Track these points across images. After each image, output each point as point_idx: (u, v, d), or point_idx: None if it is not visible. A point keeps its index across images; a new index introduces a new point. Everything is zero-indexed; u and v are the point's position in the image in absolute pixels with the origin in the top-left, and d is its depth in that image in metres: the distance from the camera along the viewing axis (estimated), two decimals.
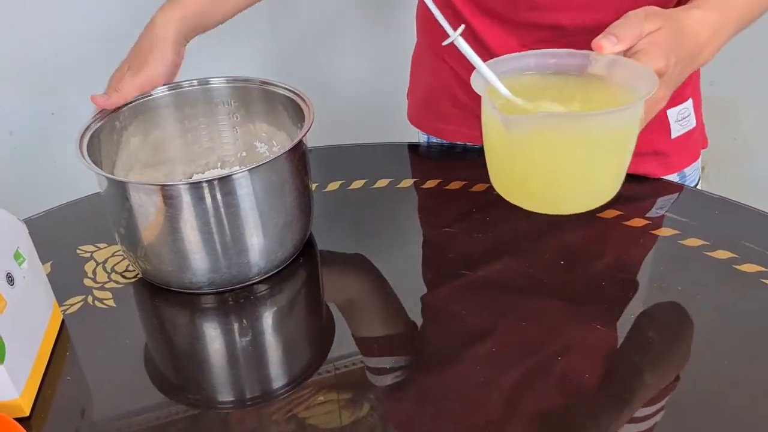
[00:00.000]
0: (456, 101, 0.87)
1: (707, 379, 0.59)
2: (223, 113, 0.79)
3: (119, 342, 0.66)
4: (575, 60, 0.60)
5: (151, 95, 0.76)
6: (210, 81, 0.78)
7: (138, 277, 0.72)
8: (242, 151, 0.82)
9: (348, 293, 0.71)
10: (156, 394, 0.61)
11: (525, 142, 0.56)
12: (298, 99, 0.73)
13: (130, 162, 0.76)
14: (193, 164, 0.81)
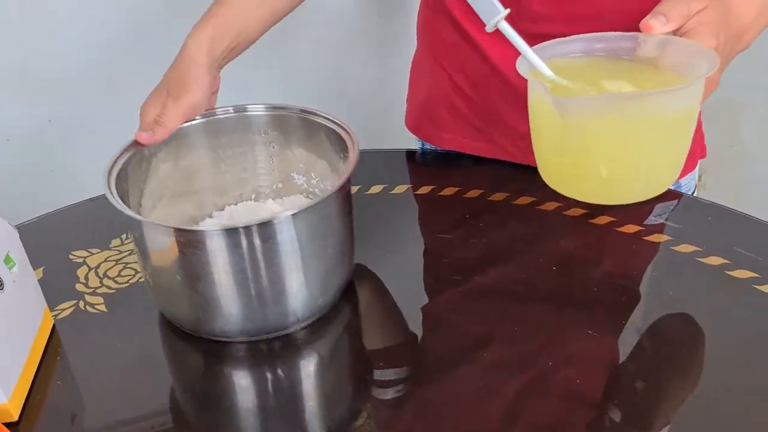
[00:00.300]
0: (453, 109, 0.87)
1: (701, 384, 0.58)
2: (259, 142, 0.74)
3: (111, 347, 0.65)
4: (624, 43, 0.58)
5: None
6: (247, 108, 0.73)
7: (130, 283, 0.72)
8: (278, 182, 0.76)
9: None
10: (148, 401, 0.60)
11: (582, 126, 0.53)
12: (339, 129, 0.68)
13: (159, 190, 0.71)
14: (226, 195, 0.76)
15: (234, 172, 0.76)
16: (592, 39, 0.59)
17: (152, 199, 0.70)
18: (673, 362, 0.60)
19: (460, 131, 0.87)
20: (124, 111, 1.36)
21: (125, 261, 0.75)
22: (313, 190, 0.75)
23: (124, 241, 0.77)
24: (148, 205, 0.70)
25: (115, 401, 0.60)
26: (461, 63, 0.83)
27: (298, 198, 0.76)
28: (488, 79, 0.82)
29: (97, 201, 0.83)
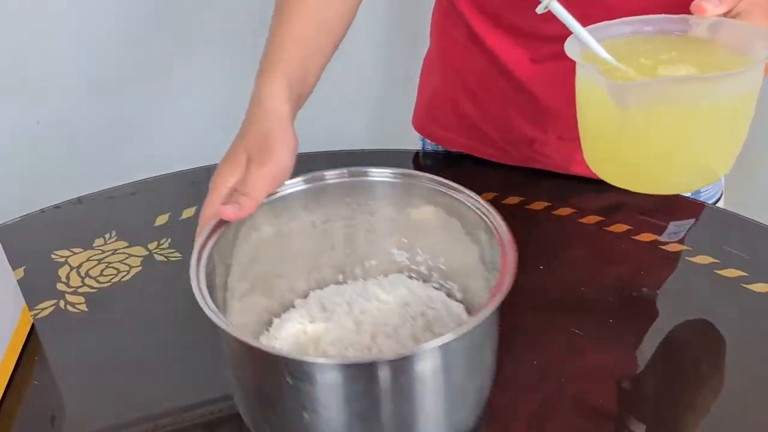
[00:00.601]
0: (459, 110, 0.85)
1: (723, 394, 0.57)
2: (362, 212, 0.61)
3: (90, 347, 0.64)
4: (674, 26, 0.56)
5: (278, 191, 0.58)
6: (368, 173, 0.60)
7: (112, 282, 0.71)
8: (369, 259, 0.63)
9: None
10: (127, 402, 0.59)
11: (641, 113, 0.49)
12: (483, 214, 0.54)
13: (247, 261, 0.58)
14: (318, 272, 0.62)
15: (316, 247, 0.62)
16: (640, 22, 0.56)
17: (240, 278, 0.58)
18: (694, 373, 0.59)
19: (464, 132, 0.86)
20: (113, 113, 1.37)
21: (108, 260, 0.74)
22: (419, 269, 0.62)
23: (107, 241, 0.76)
24: (237, 289, 0.57)
25: (94, 402, 0.59)
26: (470, 64, 0.82)
27: (400, 278, 0.63)
28: (497, 82, 0.80)
29: (81, 201, 0.82)
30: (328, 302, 0.60)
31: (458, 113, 0.85)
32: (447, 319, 0.57)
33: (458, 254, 0.58)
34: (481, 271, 0.56)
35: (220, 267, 0.55)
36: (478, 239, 0.55)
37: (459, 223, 0.57)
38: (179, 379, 0.61)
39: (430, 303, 0.59)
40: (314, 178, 0.59)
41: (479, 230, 0.55)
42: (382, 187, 0.60)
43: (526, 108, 0.79)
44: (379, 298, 0.60)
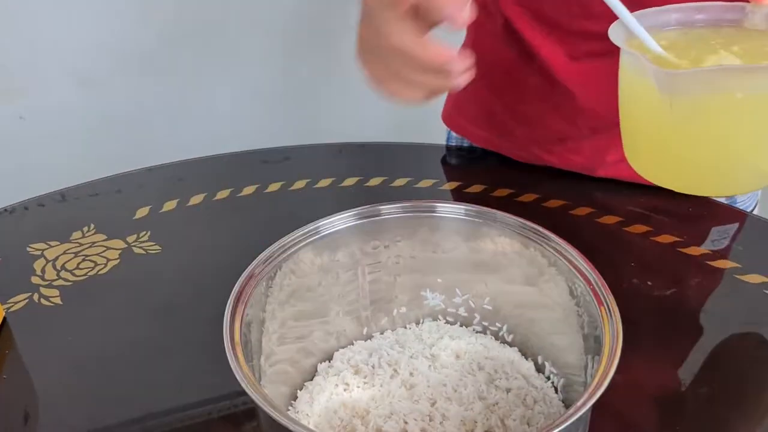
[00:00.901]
0: (487, 107, 0.82)
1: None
2: (386, 254, 0.54)
3: (64, 341, 0.62)
4: (728, 14, 0.51)
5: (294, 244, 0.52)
6: (380, 211, 0.53)
7: (88, 275, 0.69)
8: (402, 306, 0.57)
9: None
10: (100, 396, 0.57)
11: (695, 105, 0.45)
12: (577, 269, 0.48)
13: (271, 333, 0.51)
14: (336, 326, 0.56)
15: (331, 297, 0.55)
16: (690, 9, 0.52)
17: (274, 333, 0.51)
18: (742, 393, 0.56)
19: (489, 128, 0.83)
20: (96, 108, 1.35)
21: (85, 253, 0.71)
22: (458, 312, 0.57)
23: (86, 234, 0.74)
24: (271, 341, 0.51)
25: (68, 398, 0.57)
26: (503, 59, 0.79)
27: (438, 325, 0.57)
28: (529, 79, 0.77)
29: (64, 197, 0.80)
30: (360, 363, 0.53)
31: (486, 109, 0.83)
32: (508, 367, 0.52)
33: (505, 290, 0.54)
34: (536, 307, 0.52)
35: (255, 322, 0.49)
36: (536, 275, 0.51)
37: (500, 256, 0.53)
38: (157, 375, 0.59)
39: (485, 351, 0.54)
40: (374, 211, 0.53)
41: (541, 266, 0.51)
42: (403, 222, 0.54)
43: (560, 106, 0.76)
44: (423, 353, 0.53)
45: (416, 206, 0.53)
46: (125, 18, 1.17)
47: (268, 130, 1.33)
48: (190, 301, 0.65)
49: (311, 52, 1.32)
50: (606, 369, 0.41)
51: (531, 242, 0.50)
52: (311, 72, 1.34)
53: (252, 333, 0.49)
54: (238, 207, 0.78)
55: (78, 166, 1.07)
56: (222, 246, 0.72)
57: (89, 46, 1.16)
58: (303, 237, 0.51)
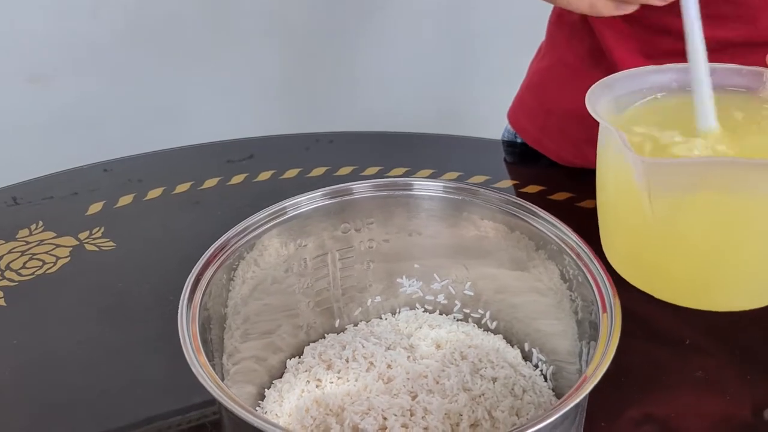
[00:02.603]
0: (546, 104, 0.78)
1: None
2: (360, 238, 0.50)
3: (7, 343, 0.57)
4: (740, 79, 0.43)
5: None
6: (352, 190, 0.49)
7: (35, 275, 0.63)
8: (377, 295, 0.52)
9: None
10: (45, 400, 0.52)
11: (676, 203, 0.37)
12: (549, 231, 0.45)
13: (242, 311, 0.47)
14: (306, 318, 0.51)
15: (300, 288, 0.50)
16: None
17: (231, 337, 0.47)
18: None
19: (543, 127, 0.78)
20: (49, 106, 1.29)
21: (32, 252, 0.66)
22: (436, 299, 0.53)
23: (33, 231, 0.69)
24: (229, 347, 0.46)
25: (10, 403, 0.53)
26: (575, 56, 0.74)
27: (416, 314, 0.53)
28: (594, 74, 0.71)
29: (16, 201, 0.74)
30: (333, 357, 0.48)
31: (545, 107, 0.78)
32: (493, 356, 0.48)
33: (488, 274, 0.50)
34: (523, 292, 0.48)
35: (215, 318, 0.45)
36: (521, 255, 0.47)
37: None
38: (110, 379, 0.54)
39: (467, 340, 0.49)
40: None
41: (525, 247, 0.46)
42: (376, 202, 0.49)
43: None
44: (401, 343, 0.49)
45: (391, 184, 0.49)
46: (77, 10, 1.11)
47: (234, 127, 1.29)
48: (146, 299, 0.61)
49: (275, 47, 1.27)
50: (604, 354, 0.37)
51: (517, 220, 0.46)
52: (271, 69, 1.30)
53: (213, 330, 0.45)
54: (199, 200, 0.73)
55: (30, 166, 1.01)
56: (181, 241, 0.67)
57: (39, 41, 1.11)
58: (267, 219, 0.47)
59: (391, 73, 1.31)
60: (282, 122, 1.31)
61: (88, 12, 1.11)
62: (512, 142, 0.83)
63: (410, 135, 0.85)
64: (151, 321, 0.58)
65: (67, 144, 1.19)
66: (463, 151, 0.83)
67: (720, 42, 0.61)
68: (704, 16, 0.61)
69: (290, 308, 0.51)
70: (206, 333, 0.43)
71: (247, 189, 0.75)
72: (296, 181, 0.76)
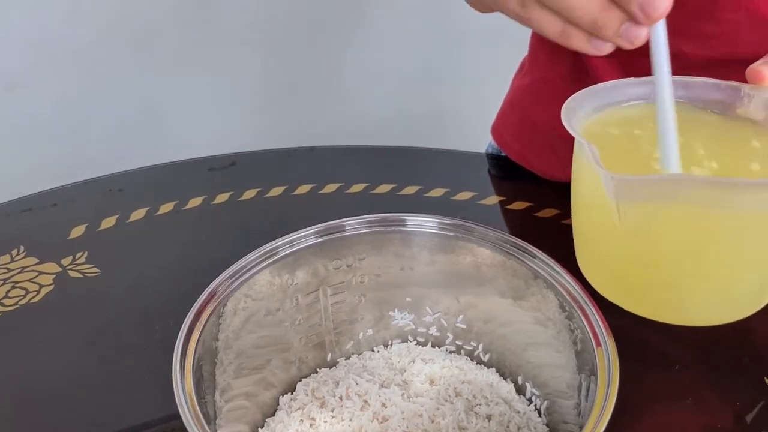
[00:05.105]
0: (530, 118, 0.77)
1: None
2: (352, 273, 0.50)
3: None
4: (718, 94, 0.43)
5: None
6: (344, 227, 0.48)
7: (19, 304, 0.62)
8: (368, 328, 0.52)
9: None
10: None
11: (644, 221, 0.37)
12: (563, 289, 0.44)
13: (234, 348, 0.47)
14: (297, 353, 0.50)
15: (291, 323, 0.49)
16: (676, 83, 0.42)
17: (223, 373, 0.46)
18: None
19: (532, 145, 0.78)
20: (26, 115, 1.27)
21: (14, 280, 0.65)
22: (430, 331, 0.52)
23: (15, 257, 0.67)
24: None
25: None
26: (556, 75, 0.74)
27: (405, 348, 0.52)
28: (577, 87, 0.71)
29: None
30: (326, 394, 0.48)
31: (529, 122, 0.77)
32: (487, 392, 0.48)
33: (481, 307, 0.50)
34: (518, 323, 0.48)
35: (206, 353, 0.44)
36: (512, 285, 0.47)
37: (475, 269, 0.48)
38: (95, 414, 0.53)
39: (461, 375, 0.49)
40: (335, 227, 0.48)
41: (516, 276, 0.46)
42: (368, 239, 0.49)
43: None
44: (395, 380, 0.48)
45: (384, 220, 0.48)
46: (53, 16, 1.09)
47: (217, 132, 1.28)
48: (132, 330, 0.60)
49: (259, 51, 1.26)
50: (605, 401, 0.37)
51: (513, 260, 0.46)
52: (255, 73, 1.28)
53: (204, 366, 0.44)
54: (183, 222, 0.72)
55: (6, 180, 0.99)
56: (166, 266, 0.66)
57: (14, 47, 1.08)
58: (259, 260, 0.46)
59: (377, 77, 1.30)
60: (266, 127, 1.30)
61: (64, 18, 1.09)
62: (497, 156, 0.83)
63: (396, 149, 0.85)
64: (137, 354, 0.57)
65: (46, 153, 1.16)
66: (449, 165, 0.82)
67: (702, 60, 0.61)
68: (687, 35, 0.62)
69: (282, 342, 0.50)
70: (199, 371, 0.42)
71: (232, 209, 0.74)
72: (281, 200, 0.75)
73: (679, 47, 0.63)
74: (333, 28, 1.24)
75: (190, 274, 0.64)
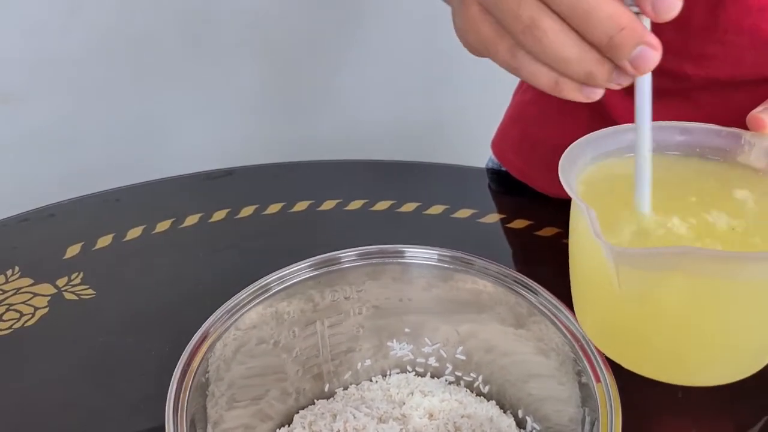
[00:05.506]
0: (531, 137, 0.76)
1: None
2: (350, 305, 0.49)
3: None
4: (717, 140, 0.40)
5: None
6: (340, 259, 0.48)
7: (13, 328, 0.61)
8: (366, 358, 0.51)
9: None
10: None
11: (644, 291, 0.35)
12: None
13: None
14: (294, 384, 0.49)
15: (289, 354, 0.49)
16: (670, 129, 0.40)
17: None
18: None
19: (534, 161, 0.76)
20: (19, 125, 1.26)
21: (9, 302, 0.64)
22: (429, 362, 0.52)
23: (9, 278, 0.67)
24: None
25: None
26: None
27: (407, 378, 0.52)
28: (583, 114, 0.69)
29: None
30: (324, 429, 0.47)
31: (531, 140, 0.77)
32: (487, 426, 0.47)
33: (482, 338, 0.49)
34: (519, 354, 0.47)
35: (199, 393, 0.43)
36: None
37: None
38: None
39: (461, 408, 0.48)
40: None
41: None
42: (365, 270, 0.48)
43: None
44: (393, 414, 0.48)
45: (381, 252, 0.47)
46: (47, 27, 1.08)
47: (214, 142, 1.27)
48: (128, 354, 0.59)
49: (255, 61, 1.25)
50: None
51: (514, 294, 0.45)
52: (251, 83, 1.27)
53: (197, 401, 0.43)
54: (179, 240, 0.71)
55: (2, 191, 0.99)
56: (162, 286, 0.66)
57: (8, 59, 1.07)
58: (251, 296, 0.45)
59: (376, 87, 1.29)
60: (264, 137, 1.29)
61: (59, 29, 1.08)
62: (497, 171, 0.82)
63: (395, 164, 0.84)
64: (134, 380, 0.56)
65: (42, 166, 1.16)
66: (449, 180, 0.81)
67: (704, 81, 0.61)
68: (690, 57, 0.61)
69: (278, 372, 0.49)
70: (192, 408, 0.42)
71: (229, 226, 0.73)
72: (279, 218, 0.74)
73: (681, 68, 0.63)
74: (331, 38, 1.23)
75: (186, 296, 0.64)
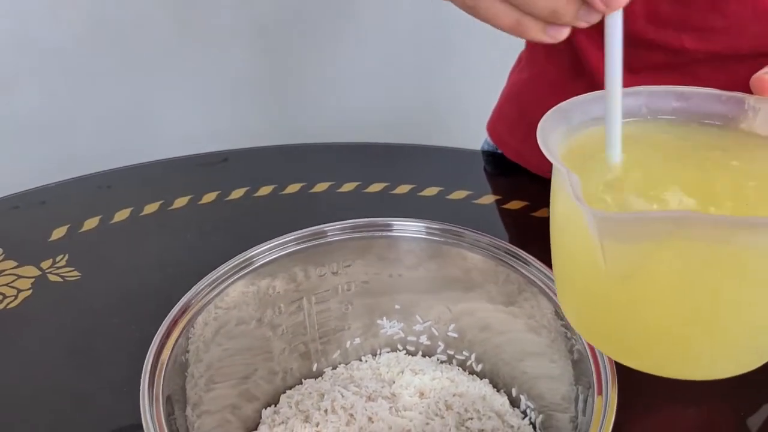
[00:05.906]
0: (528, 117, 0.74)
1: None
2: (338, 281, 0.47)
3: None
4: (719, 106, 0.37)
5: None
6: (326, 233, 0.46)
7: None
8: (356, 336, 0.50)
9: None
10: None
11: (632, 262, 0.31)
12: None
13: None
14: (281, 364, 0.48)
15: (275, 332, 0.47)
16: (668, 94, 0.37)
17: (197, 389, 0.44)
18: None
19: (528, 141, 0.74)
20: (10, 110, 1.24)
21: None
22: (420, 340, 0.50)
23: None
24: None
25: None
26: (552, 69, 0.72)
27: (394, 358, 0.50)
28: (579, 92, 0.68)
29: None
30: (311, 407, 0.46)
31: (526, 120, 0.75)
32: (480, 404, 0.45)
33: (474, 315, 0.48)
34: (511, 332, 0.46)
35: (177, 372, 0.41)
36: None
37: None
38: (72, 422, 0.51)
39: (452, 387, 0.47)
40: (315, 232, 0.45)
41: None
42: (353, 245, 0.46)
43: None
44: (383, 392, 0.46)
45: (369, 225, 0.46)
46: (35, 13, 1.06)
47: (205, 128, 1.25)
48: (112, 337, 0.58)
49: (246, 47, 1.23)
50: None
51: (505, 267, 0.44)
52: (243, 69, 1.25)
53: (175, 381, 0.42)
54: (168, 222, 0.70)
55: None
56: (148, 269, 0.64)
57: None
58: (234, 269, 0.44)
59: (370, 71, 1.28)
60: (257, 122, 1.28)
61: (48, 15, 1.06)
62: (493, 153, 0.81)
63: (388, 146, 0.82)
64: (118, 363, 0.55)
65: (31, 151, 1.14)
66: (444, 163, 0.80)
67: (707, 54, 0.59)
68: (691, 29, 0.59)
69: (265, 351, 0.48)
70: (170, 388, 0.40)
71: (219, 208, 0.72)
72: (270, 200, 0.73)
73: (680, 41, 0.61)
74: (324, 22, 1.22)
75: (173, 278, 0.62)
